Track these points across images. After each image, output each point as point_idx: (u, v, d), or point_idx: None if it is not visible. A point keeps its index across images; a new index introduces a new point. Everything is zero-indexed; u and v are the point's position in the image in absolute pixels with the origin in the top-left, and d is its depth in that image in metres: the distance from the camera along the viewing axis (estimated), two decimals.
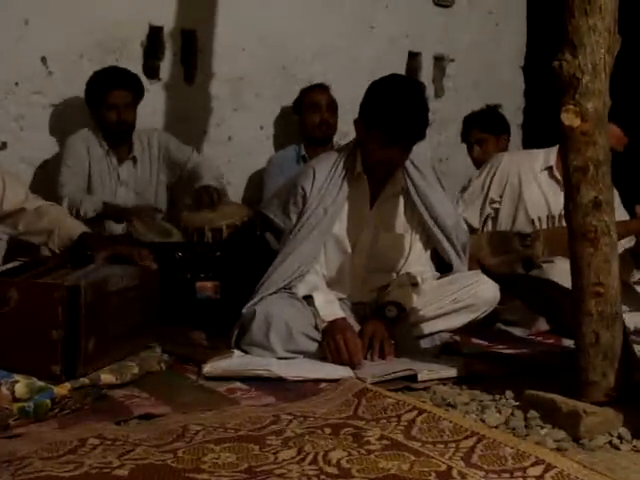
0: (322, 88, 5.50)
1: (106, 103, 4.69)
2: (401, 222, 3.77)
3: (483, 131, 5.29)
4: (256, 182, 5.51)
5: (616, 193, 3.60)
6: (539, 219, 4.46)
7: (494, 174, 4.61)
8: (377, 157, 3.58)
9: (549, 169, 4.55)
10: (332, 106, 5.44)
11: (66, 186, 4.65)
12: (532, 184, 4.55)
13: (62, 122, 4.98)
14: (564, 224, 4.23)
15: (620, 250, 3.93)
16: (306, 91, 5.50)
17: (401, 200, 3.76)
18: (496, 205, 4.62)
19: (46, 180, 4.81)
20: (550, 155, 4.56)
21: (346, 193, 3.69)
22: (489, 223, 4.67)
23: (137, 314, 3.35)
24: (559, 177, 4.46)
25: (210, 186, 4.68)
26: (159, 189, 5.01)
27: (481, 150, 5.18)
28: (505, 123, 5.40)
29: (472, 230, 4.52)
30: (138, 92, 4.80)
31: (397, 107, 3.47)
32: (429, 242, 3.79)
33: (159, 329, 3.59)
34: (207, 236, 4.34)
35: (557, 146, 4.47)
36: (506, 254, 4.31)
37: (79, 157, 4.77)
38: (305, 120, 5.42)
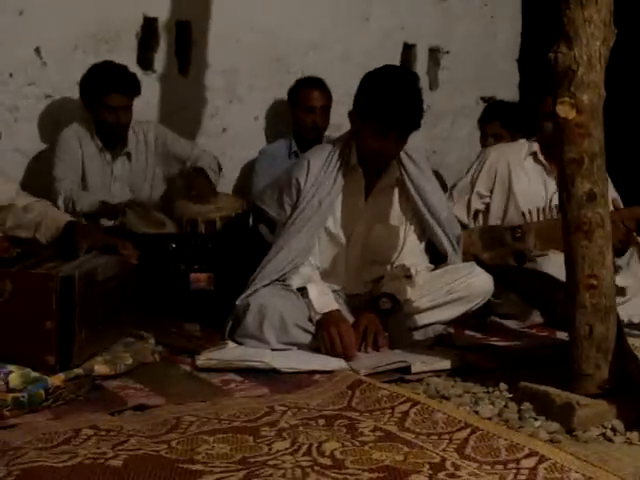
0: (319, 88, 5.36)
1: (104, 105, 4.63)
2: (396, 213, 3.77)
3: (503, 126, 5.27)
4: (250, 173, 5.50)
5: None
6: (529, 212, 4.46)
7: (481, 169, 4.63)
8: (372, 148, 3.58)
9: (533, 154, 4.57)
10: (326, 107, 5.33)
11: (62, 181, 4.62)
12: (521, 174, 4.56)
13: (56, 113, 4.97)
14: (554, 216, 4.29)
15: None
16: (303, 86, 5.39)
17: (396, 191, 3.76)
18: (486, 200, 4.63)
19: (40, 171, 4.80)
20: (533, 143, 4.58)
21: (341, 185, 3.69)
22: (480, 218, 4.67)
23: (118, 302, 3.36)
24: (544, 161, 4.51)
25: (202, 172, 4.71)
26: (155, 183, 4.97)
27: (494, 144, 5.11)
28: (526, 124, 5.29)
29: (462, 226, 4.52)
30: (136, 93, 4.74)
31: (392, 96, 3.48)
32: (424, 233, 3.79)
33: (151, 319, 3.61)
34: (200, 228, 4.33)
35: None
36: (498, 248, 4.31)
37: (72, 151, 4.73)
38: (297, 117, 5.34)
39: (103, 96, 4.60)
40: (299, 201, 3.67)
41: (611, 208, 4.14)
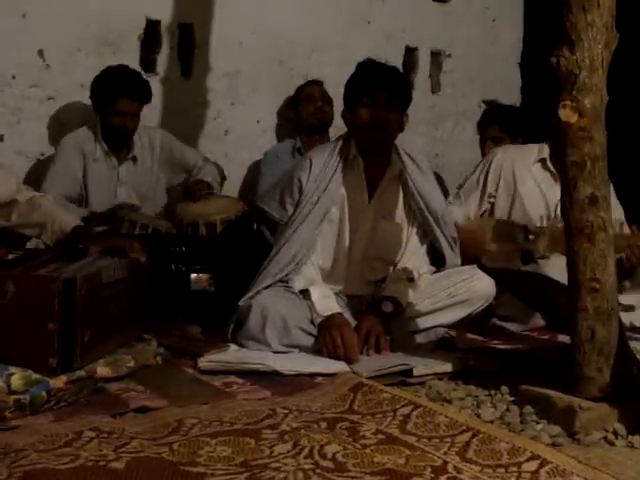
0: (316, 83, 5.62)
1: (112, 108, 4.63)
2: (400, 212, 3.78)
3: (502, 129, 5.26)
4: (253, 176, 5.51)
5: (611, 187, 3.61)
6: (540, 218, 4.44)
7: (488, 169, 4.61)
8: (365, 122, 3.62)
9: (542, 161, 4.56)
10: (326, 97, 5.54)
11: (48, 192, 4.54)
12: (527, 178, 4.55)
13: (59, 115, 4.98)
14: (558, 223, 4.28)
15: None
16: (301, 87, 5.62)
17: (400, 190, 3.76)
18: (492, 200, 4.63)
19: (42, 173, 4.80)
20: (544, 148, 4.57)
21: (340, 177, 3.70)
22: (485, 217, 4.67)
23: (127, 305, 3.35)
24: (552, 169, 4.48)
25: (201, 181, 4.71)
26: (158, 189, 4.98)
27: (493, 147, 5.10)
28: (525, 126, 5.30)
29: None
30: (146, 100, 4.75)
31: (368, 67, 3.74)
32: (426, 235, 3.80)
33: (152, 321, 3.60)
34: (201, 230, 4.34)
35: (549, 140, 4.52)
36: (508, 243, 4.30)
37: (69, 163, 4.71)
38: (301, 111, 5.51)
39: (112, 99, 4.60)
40: (301, 199, 3.68)
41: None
